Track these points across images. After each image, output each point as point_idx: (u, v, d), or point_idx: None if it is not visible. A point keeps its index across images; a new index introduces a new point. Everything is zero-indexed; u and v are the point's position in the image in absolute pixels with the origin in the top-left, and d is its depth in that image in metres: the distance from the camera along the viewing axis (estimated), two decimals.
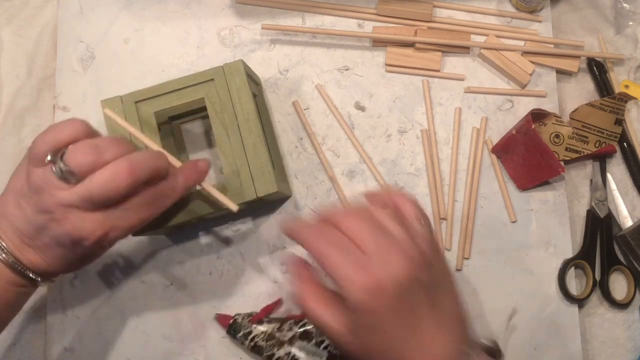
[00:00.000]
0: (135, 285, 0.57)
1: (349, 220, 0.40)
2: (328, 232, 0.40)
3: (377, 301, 0.38)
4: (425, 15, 0.62)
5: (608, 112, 0.60)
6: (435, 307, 0.40)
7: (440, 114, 0.61)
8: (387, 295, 0.38)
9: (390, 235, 0.40)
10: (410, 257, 0.39)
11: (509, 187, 0.60)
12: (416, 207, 0.43)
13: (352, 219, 0.40)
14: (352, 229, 0.40)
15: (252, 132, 0.51)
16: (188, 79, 0.52)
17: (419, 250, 0.40)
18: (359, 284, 0.38)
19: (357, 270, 0.38)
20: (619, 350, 0.58)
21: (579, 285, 0.59)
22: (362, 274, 0.38)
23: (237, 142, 0.51)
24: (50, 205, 0.41)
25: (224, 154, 0.51)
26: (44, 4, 0.65)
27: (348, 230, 0.40)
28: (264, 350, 0.52)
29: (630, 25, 0.64)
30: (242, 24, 0.63)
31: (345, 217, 0.41)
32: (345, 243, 0.40)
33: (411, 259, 0.39)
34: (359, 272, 0.38)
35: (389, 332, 0.39)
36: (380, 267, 0.38)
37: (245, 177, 0.50)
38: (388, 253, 0.39)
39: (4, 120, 0.62)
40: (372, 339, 0.39)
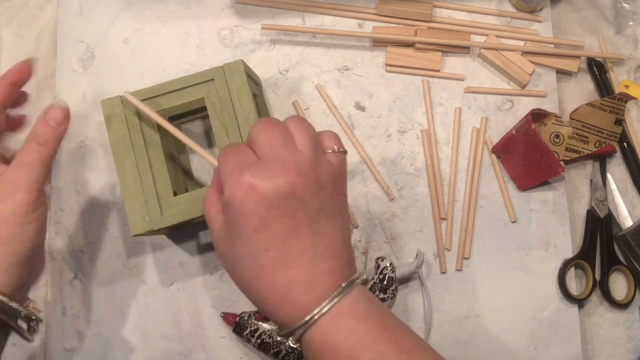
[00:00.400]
0: (135, 285, 0.57)
1: (261, 125, 0.41)
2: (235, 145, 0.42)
3: (249, 203, 0.38)
4: (425, 15, 0.62)
5: (608, 112, 0.60)
6: (315, 232, 0.40)
7: (440, 114, 0.61)
8: (261, 201, 0.38)
9: (292, 150, 0.40)
10: (301, 176, 0.39)
11: (509, 187, 0.60)
12: (336, 139, 0.43)
13: (265, 125, 0.41)
14: (258, 133, 0.41)
15: None
16: (188, 79, 0.52)
17: (315, 173, 0.40)
18: (237, 181, 0.38)
19: (242, 169, 0.39)
20: (619, 350, 0.58)
21: (579, 285, 0.59)
22: (244, 173, 0.38)
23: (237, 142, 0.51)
24: None
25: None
26: (44, 4, 0.65)
27: (252, 137, 0.41)
28: (271, 347, 0.52)
29: (630, 25, 0.64)
30: (242, 24, 0.63)
31: (255, 126, 0.42)
32: (244, 148, 0.41)
33: (301, 178, 0.39)
34: (242, 171, 0.39)
35: (254, 239, 0.39)
36: (265, 172, 0.39)
37: None
38: (280, 163, 0.39)
39: None
40: (239, 244, 0.39)
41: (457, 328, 0.57)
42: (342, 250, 0.41)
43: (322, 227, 0.40)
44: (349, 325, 0.38)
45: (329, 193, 0.41)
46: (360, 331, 0.38)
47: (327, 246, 0.40)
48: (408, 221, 0.59)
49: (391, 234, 0.58)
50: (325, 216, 0.40)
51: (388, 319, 0.40)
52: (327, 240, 0.40)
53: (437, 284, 0.57)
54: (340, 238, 0.41)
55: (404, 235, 0.58)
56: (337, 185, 0.42)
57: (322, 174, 0.41)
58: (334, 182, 0.42)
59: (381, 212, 0.59)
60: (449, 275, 0.58)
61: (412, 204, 0.59)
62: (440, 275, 0.58)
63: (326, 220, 0.40)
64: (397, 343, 0.39)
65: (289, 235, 0.39)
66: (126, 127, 0.50)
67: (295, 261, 0.39)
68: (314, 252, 0.39)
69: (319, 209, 0.40)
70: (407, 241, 0.58)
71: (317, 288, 0.39)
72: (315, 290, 0.39)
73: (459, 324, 0.57)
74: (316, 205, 0.40)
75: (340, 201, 0.42)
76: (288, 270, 0.39)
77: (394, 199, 0.59)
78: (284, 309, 0.39)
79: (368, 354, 0.38)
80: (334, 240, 0.41)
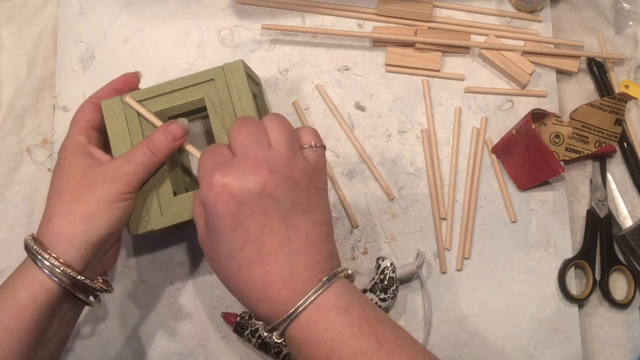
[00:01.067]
0: (135, 285, 0.57)
1: (237, 124, 0.43)
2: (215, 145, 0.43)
3: (221, 203, 0.39)
4: (425, 15, 0.62)
5: (608, 112, 0.60)
6: (290, 228, 0.40)
7: (440, 114, 0.61)
8: (232, 200, 0.39)
9: (266, 147, 0.41)
10: (273, 173, 0.40)
11: (509, 187, 0.60)
12: (314, 134, 0.44)
13: (240, 123, 0.43)
14: (233, 132, 0.42)
15: None
16: (188, 79, 0.52)
17: (288, 169, 0.41)
18: (209, 182, 0.39)
19: (214, 169, 0.40)
20: (619, 350, 0.58)
21: (579, 285, 0.59)
22: (215, 173, 0.39)
23: None
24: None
25: None
26: (44, 4, 0.65)
27: (230, 132, 0.43)
28: (272, 347, 0.52)
29: (630, 25, 0.64)
30: (242, 24, 0.63)
31: (237, 121, 0.43)
32: (222, 147, 0.42)
33: (272, 175, 0.40)
34: (215, 171, 0.40)
35: (230, 238, 0.40)
36: (237, 171, 0.39)
37: None
38: (252, 161, 0.40)
39: (4, 120, 0.62)
40: (217, 242, 0.40)
41: (457, 328, 0.57)
42: (320, 245, 0.41)
43: (297, 223, 0.41)
44: (329, 319, 0.39)
45: (304, 188, 0.41)
46: (340, 325, 0.39)
47: (304, 241, 0.40)
48: (408, 221, 0.59)
49: (391, 234, 0.58)
50: (301, 211, 0.41)
51: (370, 312, 0.40)
52: (304, 236, 0.41)
53: (437, 284, 0.57)
54: (317, 232, 0.41)
55: (404, 235, 0.58)
56: (314, 181, 0.42)
57: (297, 170, 0.41)
58: (310, 177, 0.42)
59: (381, 212, 0.59)
60: (449, 275, 0.58)
61: (412, 204, 0.59)
62: (440, 275, 0.58)
63: (301, 216, 0.41)
64: (377, 336, 0.39)
65: (263, 232, 0.39)
66: (126, 127, 0.50)
67: (272, 257, 0.39)
68: (289, 247, 0.40)
69: (292, 204, 0.40)
70: (407, 241, 0.58)
71: (295, 283, 0.39)
72: (293, 285, 0.39)
73: (458, 324, 0.57)
74: (289, 202, 0.40)
75: (317, 195, 0.43)
76: (264, 267, 0.39)
77: (393, 199, 0.59)
78: (264, 305, 0.40)
79: (348, 348, 0.38)
80: (311, 235, 0.41)
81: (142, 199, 0.49)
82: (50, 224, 0.45)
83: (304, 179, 0.41)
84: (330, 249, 0.42)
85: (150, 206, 0.50)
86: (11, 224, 0.59)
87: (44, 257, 0.43)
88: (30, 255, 0.44)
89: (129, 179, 0.47)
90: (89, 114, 0.50)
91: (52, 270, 0.43)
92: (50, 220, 0.45)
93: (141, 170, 0.47)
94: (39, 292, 0.43)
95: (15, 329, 0.42)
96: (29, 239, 0.45)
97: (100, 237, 0.46)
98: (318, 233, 0.42)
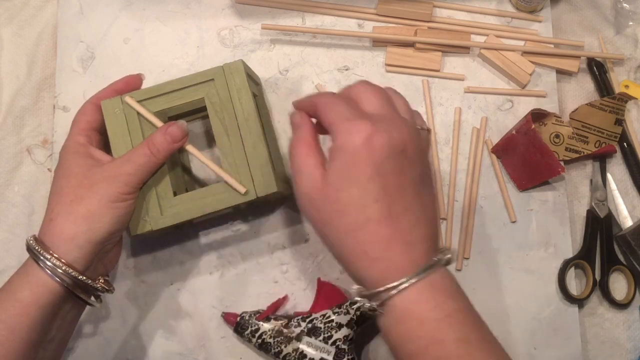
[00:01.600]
0: (135, 285, 0.57)
1: (362, 87, 0.41)
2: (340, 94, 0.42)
3: (367, 151, 0.38)
4: (425, 15, 0.62)
5: (608, 112, 0.60)
6: (417, 195, 0.40)
7: (440, 114, 0.61)
8: (378, 151, 0.38)
9: (399, 114, 0.41)
10: (411, 138, 0.39)
11: (509, 187, 0.60)
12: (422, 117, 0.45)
13: (370, 85, 0.42)
14: (363, 92, 0.41)
15: (252, 132, 0.51)
16: (188, 79, 0.52)
17: (418, 140, 0.40)
18: (356, 127, 0.38)
19: (360, 117, 0.39)
20: (619, 350, 0.58)
21: (579, 285, 0.59)
22: (363, 121, 0.38)
23: (237, 142, 0.51)
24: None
25: (224, 154, 0.51)
26: (44, 4, 0.65)
27: (359, 93, 0.41)
28: (272, 347, 0.52)
29: (630, 25, 0.64)
30: (242, 24, 0.63)
31: (359, 85, 0.42)
32: (351, 99, 0.41)
33: (411, 140, 0.39)
34: (362, 118, 0.38)
35: (366, 188, 0.38)
36: (383, 126, 0.38)
37: (245, 177, 0.50)
38: (393, 121, 0.39)
39: (4, 120, 0.62)
40: (348, 192, 0.38)
41: None
42: (433, 221, 0.41)
43: (421, 193, 0.40)
44: (439, 299, 0.38)
45: (425, 163, 0.41)
46: (449, 308, 0.38)
47: (424, 213, 0.40)
48: None
49: None
50: (424, 183, 0.41)
51: (471, 306, 0.40)
52: (425, 207, 0.40)
53: None
54: (433, 209, 0.41)
55: None
56: (428, 160, 0.42)
57: (422, 143, 0.41)
58: (426, 154, 0.42)
59: None
60: None
61: None
62: None
63: (424, 187, 0.41)
64: (480, 331, 0.38)
65: (397, 191, 0.38)
66: (126, 127, 0.50)
67: (399, 219, 0.38)
68: (414, 214, 0.39)
69: (420, 174, 0.40)
70: None
71: (415, 251, 0.38)
72: (412, 252, 0.38)
73: None
74: (419, 170, 0.40)
75: (431, 174, 0.43)
76: (392, 225, 0.38)
77: None
78: (380, 265, 0.38)
79: (454, 333, 0.37)
80: (430, 209, 0.41)
81: (142, 199, 0.49)
82: (51, 224, 0.45)
83: (425, 154, 0.42)
84: (438, 230, 0.42)
85: (150, 206, 0.50)
86: (11, 224, 0.59)
87: (45, 257, 0.44)
88: (32, 256, 0.45)
89: (129, 179, 0.47)
90: (89, 115, 0.50)
91: (54, 270, 0.43)
92: (51, 220, 0.45)
93: (141, 171, 0.47)
94: (41, 292, 0.43)
95: (18, 329, 0.42)
96: (31, 240, 0.45)
97: (102, 237, 0.46)
98: (433, 209, 0.41)
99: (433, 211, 0.41)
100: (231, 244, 0.58)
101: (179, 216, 0.50)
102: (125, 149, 0.50)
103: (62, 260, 0.44)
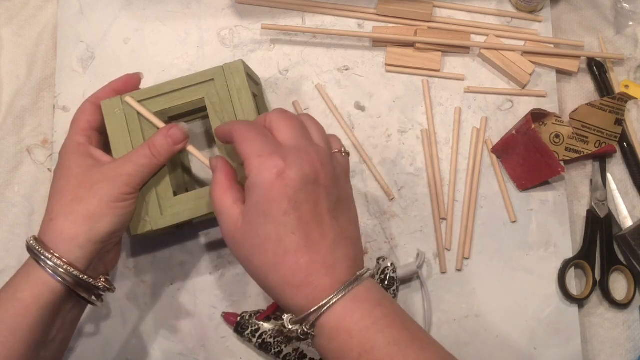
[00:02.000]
0: (135, 285, 0.57)
1: (280, 115, 0.43)
2: (256, 125, 0.43)
3: (280, 187, 0.40)
4: (425, 15, 0.62)
5: (608, 112, 0.60)
6: (334, 219, 0.42)
7: (440, 114, 0.61)
8: (290, 185, 0.40)
9: (312, 143, 0.43)
10: (323, 166, 0.41)
11: (509, 187, 0.60)
12: (340, 142, 0.47)
13: (284, 114, 0.43)
14: (277, 123, 0.43)
15: None
16: (188, 79, 0.52)
17: (331, 166, 0.42)
18: (267, 164, 0.40)
19: (271, 152, 0.40)
20: (619, 350, 0.58)
21: (579, 285, 0.59)
22: (274, 157, 0.40)
23: None
24: None
25: (223, 154, 0.51)
26: (44, 4, 0.65)
27: (273, 123, 0.43)
28: (272, 347, 0.52)
29: (630, 25, 0.64)
30: (242, 24, 0.63)
31: (274, 114, 0.43)
32: (266, 130, 0.43)
33: (323, 168, 0.41)
34: (272, 154, 0.40)
35: (282, 222, 0.40)
36: (294, 158, 0.40)
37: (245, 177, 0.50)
38: (304, 152, 0.41)
39: (4, 120, 0.62)
40: (264, 227, 0.40)
41: (457, 328, 0.57)
42: (355, 241, 0.43)
43: (339, 216, 0.42)
44: (365, 309, 0.40)
45: (342, 186, 0.44)
46: (375, 315, 0.40)
47: (344, 234, 0.42)
48: (408, 221, 0.59)
49: (391, 234, 0.58)
50: (341, 207, 0.43)
51: (399, 309, 0.42)
52: (345, 230, 0.42)
53: (437, 284, 0.57)
54: (353, 229, 0.44)
55: (404, 235, 0.58)
56: (347, 182, 0.45)
57: (337, 168, 0.43)
58: (345, 178, 0.45)
59: (381, 212, 0.59)
60: (449, 275, 0.58)
61: (412, 204, 0.59)
62: (441, 275, 0.58)
63: (343, 211, 0.43)
64: (409, 331, 0.40)
65: (313, 220, 0.40)
66: (126, 127, 0.50)
67: (318, 245, 0.40)
68: (333, 238, 0.41)
69: (337, 199, 0.42)
70: (407, 241, 0.58)
71: (336, 272, 0.40)
72: (334, 273, 0.40)
73: (458, 324, 0.57)
74: (335, 196, 0.42)
75: (351, 196, 0.45)
76: (310, 253, 0.40)
77: (393, 199, 0.59)
78: (303, 291, 0.40)
79: (383, 337, 0.39)
80: (349, 230, 0.43)
81: (142, 199, 0.49)
82: (52, 224, 0.45)
83: (342, 178, 0.44)
84: (360, 247, 0.44)
85: (150, 206, 0.50)
86: (11, 224, 0.59)
87: (46, 257, 0.44)
88: (32, 256, 0.44)
89: (130, 180, 0.47)
90: (89, 114, 0.50)
91: (55, 270, 0.43)
92: (52, 220, 0.45)
93: (142, 172, 0.47)
94: (42, 292, 0.43)
95: (19, 329, 0.42)
96: (31, 240, 0.45)
97: (103, 236, 0.46)
98: (354, 229, 0.44)
99: (354, 231, 0.44)
100: None
101: (179, 216, 0.50)
102: (126, 149, 0.50)
103: (63, 259, 0.44)
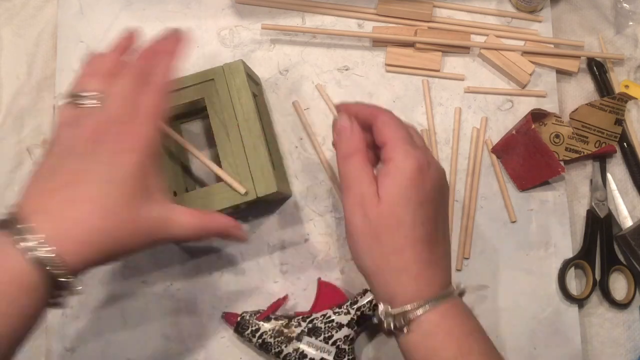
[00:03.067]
0: (135, 285, 0.57)
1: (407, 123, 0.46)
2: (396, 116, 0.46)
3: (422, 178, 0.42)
4: (425, 15, 0.62)
5: (608, 112, 0.60)
6: (445, 224, 0.44)
7: (440, 114, 0.61)
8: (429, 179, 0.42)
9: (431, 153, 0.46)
10: (444, 177, 0.45)
11: (509, 187, 0.60)
12: None
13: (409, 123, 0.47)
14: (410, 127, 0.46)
15: (252, 132, 0.51)
16: (188, 79, 0.52)
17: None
18: (414, 153, 0.42)
19: (415, 145, 0.43)
20: (619, 350, 0.58)
21: (579, 285, 0.59)
22: (418, 150, 0.43)
23: (237, 142, 0.51)
24: None
25: (224, 154, 0.51)
26: (44, 4, 0.65)
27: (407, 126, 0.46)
28: (272, 347, 0.52)
29: (630, 25, 0.64)
30: (242, 24, 0.63)
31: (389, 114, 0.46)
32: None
33: (444, 178, 0.45)
34: (416, 147, 0.43)
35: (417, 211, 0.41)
36: (431, 159, 0.43)
37: (245, 177, 0.50)
38: (434, 159, 0.44)
39: (4, 120, 0.62)
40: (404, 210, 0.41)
41: None
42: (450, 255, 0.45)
43: (447, 227, 0.45)
44: (464, 317, 0.42)
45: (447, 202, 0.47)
46: (471, 325, 0.42)
47: (448, 244, 0.45)
48: None
49: None
50: (446, 215, 0.45)
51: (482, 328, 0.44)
52: (448, 242, 0.45)
53: None
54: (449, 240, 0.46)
55: None
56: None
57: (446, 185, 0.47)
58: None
59: None
60: None
61: None
62: None
63: (446, 220, 0.45)
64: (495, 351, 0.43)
65: (436, 218, 0.43)
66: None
67: (437, 243, 0.43)
68: (445, 241, 0.44)
69: (446, 210, 0.45)
70: None
71: (444, 275, 0.43)
72: (442, 276, 0.42)
73: None
74: (446, 207, 0.45)
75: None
76: (432, 248, 0.42)
77: None
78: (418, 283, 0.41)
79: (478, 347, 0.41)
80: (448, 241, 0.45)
81: None
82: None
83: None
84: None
85: None
86: None
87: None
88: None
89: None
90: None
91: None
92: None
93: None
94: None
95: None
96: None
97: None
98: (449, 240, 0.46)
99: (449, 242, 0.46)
100: (231, 244, 0.58)
101: None
102: None
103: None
